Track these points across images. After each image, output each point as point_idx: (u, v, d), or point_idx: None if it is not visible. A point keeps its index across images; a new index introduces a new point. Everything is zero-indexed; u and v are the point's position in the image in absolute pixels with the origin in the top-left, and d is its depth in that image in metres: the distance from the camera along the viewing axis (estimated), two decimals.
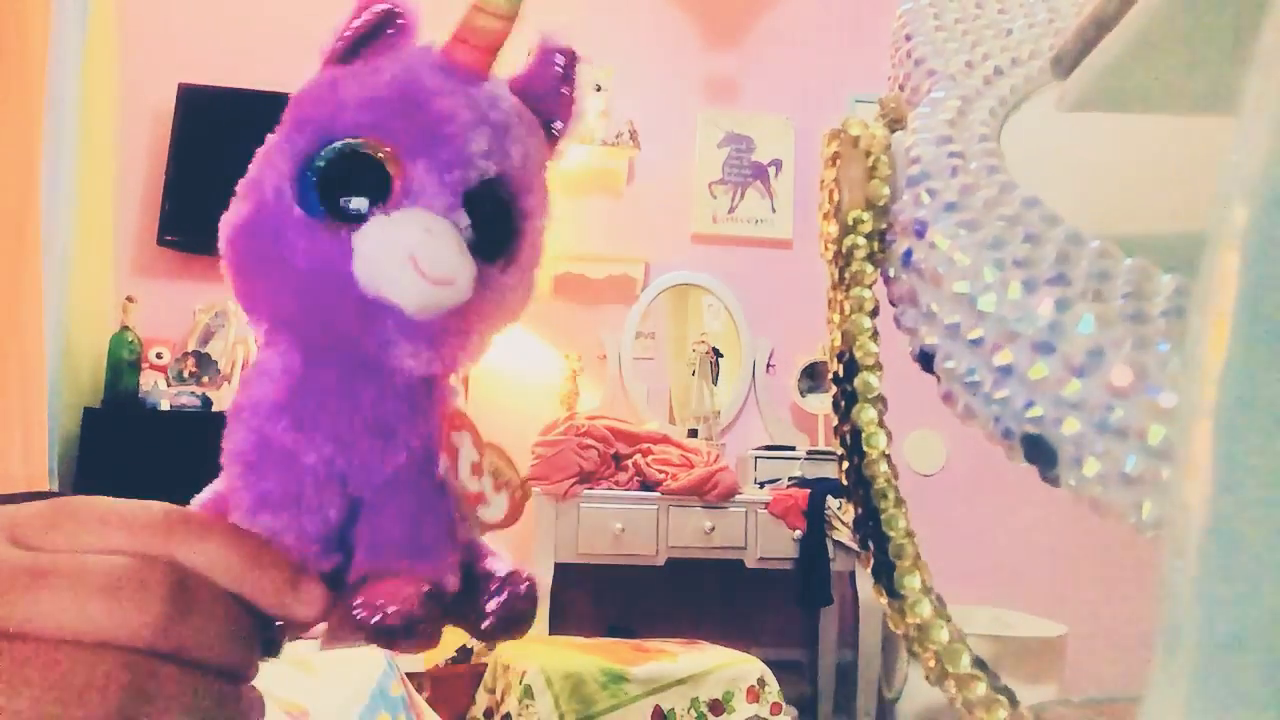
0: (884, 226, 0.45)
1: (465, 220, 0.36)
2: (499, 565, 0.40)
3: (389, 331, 0.35)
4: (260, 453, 0.36)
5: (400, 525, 0.37)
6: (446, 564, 0.38)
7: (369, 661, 1.14)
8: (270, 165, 0.38)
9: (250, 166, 0.39)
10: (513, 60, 0.42)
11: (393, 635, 0.34)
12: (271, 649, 0.37)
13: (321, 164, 0.36)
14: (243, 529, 0.34)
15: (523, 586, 0.39)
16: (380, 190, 0.36)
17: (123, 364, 2.43)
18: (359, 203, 0.35)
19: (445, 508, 0.38)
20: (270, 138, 0.39)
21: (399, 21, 0.40)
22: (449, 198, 0.36)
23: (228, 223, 0.39)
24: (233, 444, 0.37)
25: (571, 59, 0.43)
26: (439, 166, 0.36)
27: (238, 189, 0.39)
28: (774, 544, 2.34)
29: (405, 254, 0.34)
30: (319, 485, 0.36)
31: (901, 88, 0.56)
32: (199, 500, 0.39)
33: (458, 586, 0.38)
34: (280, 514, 0.35)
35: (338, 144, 0.36)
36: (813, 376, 2.86)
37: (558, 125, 0.42)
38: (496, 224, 0.38)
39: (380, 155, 0.36)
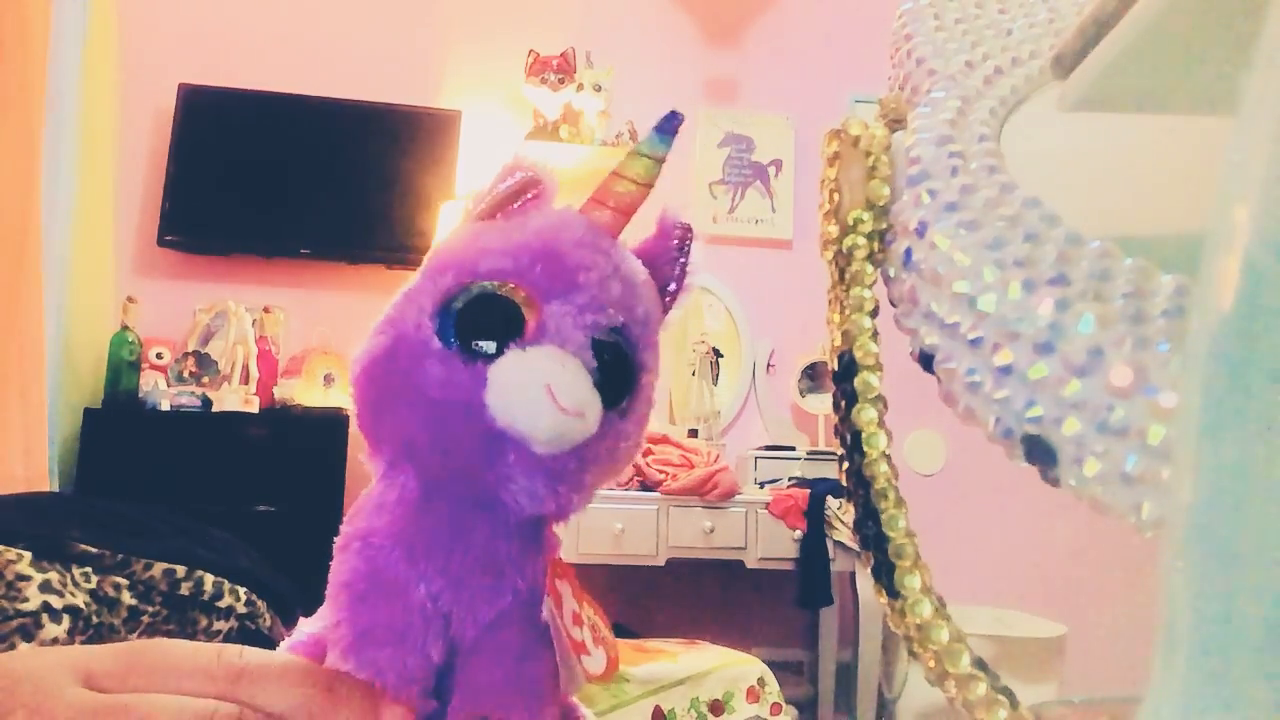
0: (884, 226, 0.45)
1: (593, 363, 0.37)
2: None
3: (510, 466, 0.36)
4: (370, 584, 0.36)
5: (502, 669, 0.37)
6: (547, 710, 0.38)
7: None
8: (411, 303, 0.39)
9: (389, 308, 0.41)
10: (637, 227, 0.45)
11: None
12: (273, 649, 0.36)
13: (461, 304, 0.37)
14: (316, 668, 0.34)
15: None
16: (515, 332, 0.37)
17: (123, 364, 2.43)
18: (493, 343, 0.37)
19: (547, 655, 0.38)
20: (412, 280, 0.41)
21: (539, 188, 0.42)
22: (581, 339, 0.37)
23: (363, 355, 0.40)
24: (341, 575, 0.37)
25: (688, 233, 0.46)
26: (573, 310, 0.37)
27: (376, 326, 0.41)
28: (774, 544, 2.34)
29: (541, 383, 0.35)
30: (426, 621, 0.36)
31: (901, 88, 0.56)
32: (290, 643, 0.39)
33: None
34: (384, 649, 0.35)
35: (478, 286, 0.38)
36: (813, 376, 2.86)
37: (671, 289, 0.45)
38: (619, 372, 0.39)
39: (517, 298, 0.37)
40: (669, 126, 0.43)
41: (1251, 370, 0.17)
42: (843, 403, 0.44)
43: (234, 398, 2.37)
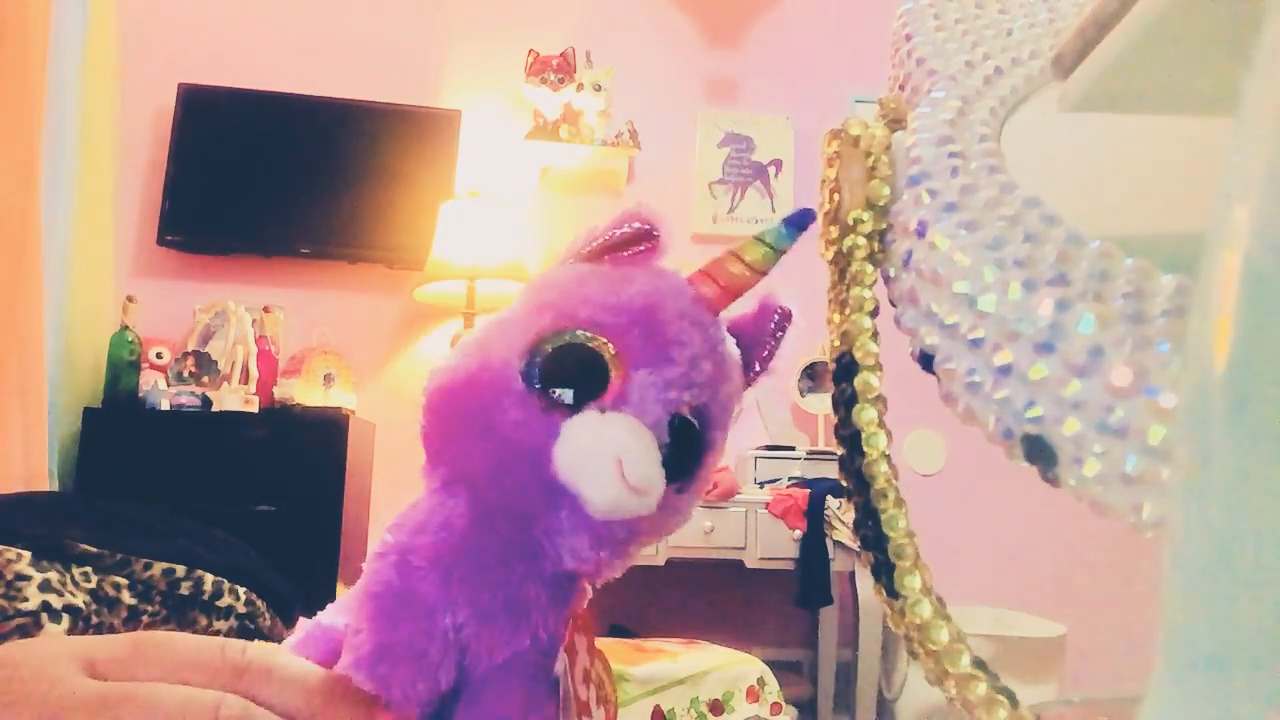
0: (884, 226, 0.45)
1: (665, 439, 0.37)
2: None
3: (562, 520, 0.36)
4: (399, 601, 0.36)
5: (506, 712, 0.37)
6: None
7: None
8: (503, 334, 0.39)
9: (479, 329, 0.41)
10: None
11: None
12: None
13: (552, 348, 0.37)
14: (318, 670, 0.34)
15: None
16: (598, 389, 0.37)
17: (123, 364, 2.43)
18: (572, 394, 0.37)
19: (550, 707, 0.38)
20: (508, 309, 0.41)
21: (653, 242, 0.42)
22: (660, 413, 0.37)
23: (444, 373, 0.40)
24: (373, 585, 0.37)
25: (786, 319, 0.46)
26: (659, 383, 0.37)
27: (463, 347, 0.41)
28: (774, 544, 2.34)
29: (613, 453, 0.35)
30: (445, 649, 0.36)
31: (901, 88, 0.56)
32: (305, 633, 0.39)
33: None
34: (399, 667, 0.35)
35: (571, 334, 0.38)
36: (813, 376, 2.86)
37: (755, 370, 0.45)
38: (688, 449, 0.39)
39: (607, 354, 0.37)
40: (800, 222, 0.43)
41: (1252, 370, 0.17)
42: (843, 403, 0.44)
43: (234, 397, 2.37)
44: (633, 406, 0.37)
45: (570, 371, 0.37)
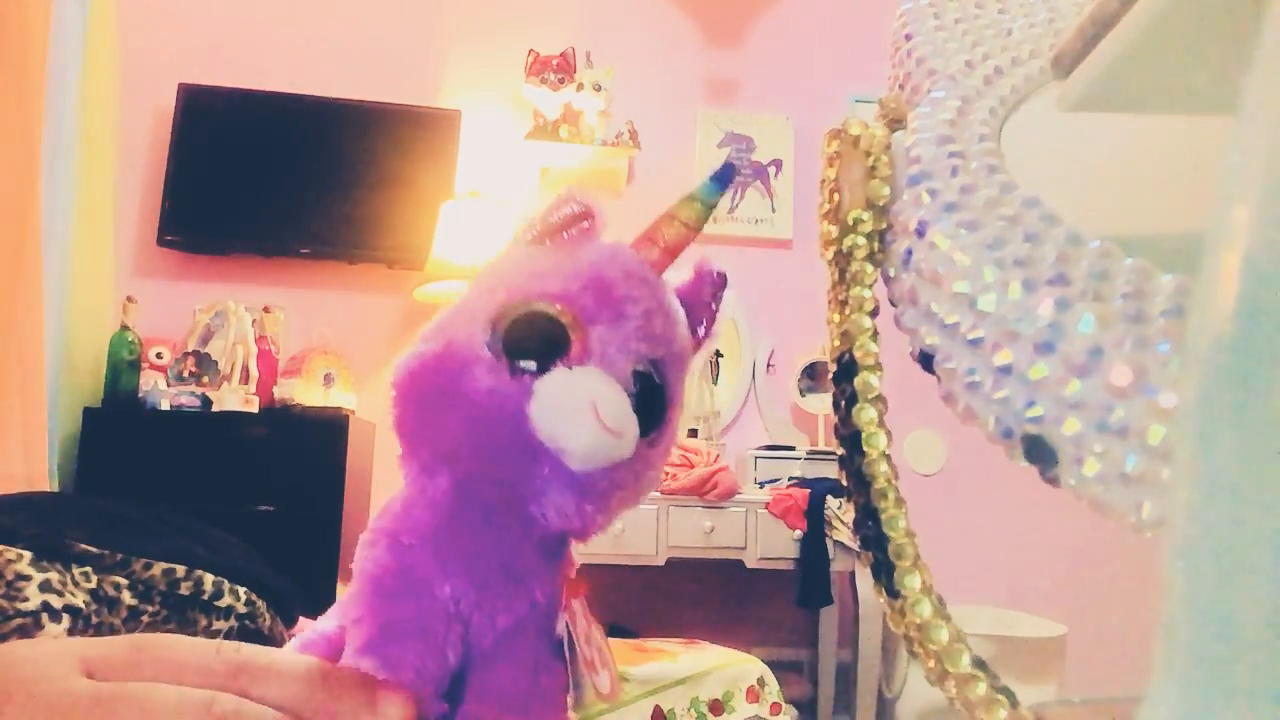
0: (884, 226, 0.45)
1: (632, 389, 0.39)
2: None
3: (545, 479, 0.38)
4: (396, 579, 0.37)
5: (515, 676, 0.38)
6: None
7: None
8: (463, 314, 0.41)
9: (440, 317, 0.43)
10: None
11: None
12: None
13: (511, 320, 0.39)
14: (314, 662, 0.34)
15: None
16: (560, 353, 0.39)
17: (123, 364, 2.43)
18: (536, 362, 0.38)
19: (559, 668, 0.39)
20: (464, 294, 0.43)
21: (591, 221, 0.44)
22: (624, 366, 0.39)
23: (411, 358, 0.42)
24: (366, 569, 0.38)
25: (723, 281, 0.48)
26: (619, 338, 0.39)
27: (425, 333, 0.42)
28: (774, 544, 2.34)
29: (587, 399, 0.37)
30: (448, 622, 0.36)
31: (901, 87, 0.56)
32: (303, 641, 0.39)
33: None
34: (405, 645, 0.35)
35: (528, 305, 0.39)
36: (813, 376, 2.86)
37: (700, 332, 0.47)
38: (652, 402, 0.41)
39: (565, 320, 0.39)
40: (725, 177, 0.45)
41: (1252, 370, 0.17)
42: (843, 403, 0.44)
43: (234, 397, 2.37)
44: (597, 361, 0.38)
45: (532, 338, 0.39)
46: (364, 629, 0.35)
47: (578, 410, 0.37)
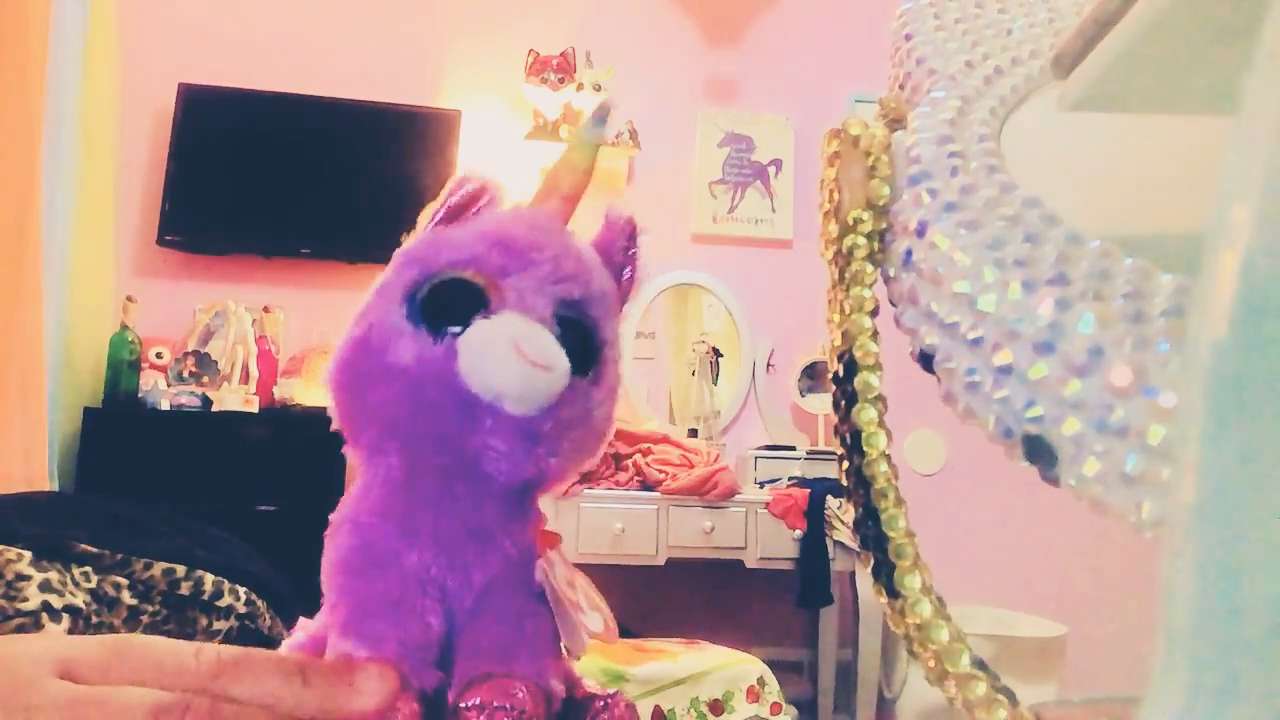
0: (884, 226, 0.45)
1: (556, 330, 0.40)
2: (596, 689, 0.42)
3: (488, 431, 0.38)
4: (363, 557, 0.38)
5: (501, 628, 0.38)
6: (551, 669, 0.39)
7: None
8: (381, 295, 0.42)
9: (361, 305, 0.44)
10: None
11: None
12: (273, 649, 0.37)
13: (426, 290, 0.40)
14: (288, 656, 0.34)
15: (623, 706, 0.42)
16: (477, 309, 0.39)
17: (123, 364, 2.43)
18: (459, 326, 0.39)
19: (545, 614, 0.39)
20: (379, 278, 0.44)
21: (488, 195, 0.46)
22: (543, 307, 0.40)
23: (339, 348, 0.43)
24: (334, 554, 0.39)
25: (632, 224, 0.49)
26: (532, 283, 0.40)
27: (351, 321, 0.44)
28: (774, 544, 2.34)
29: (508, 339, 0.38)
30: (421, 587, 0.37)
31: (901, 87, 0.56)
32: (289, 643, 0.40)
33: (564, 694, 0.39)
34: (383, 618, 0.36)
35: (440, 275, 0.41)
36: (813, 376, 2.86)
37: (625, 277, 0.48)
38: (582, 340, 0.41)
39: (478, 281, 0.40)
40: (601, 114, 0.47)
41: (1252, 370, 0.17)
42: (843, 403, 0.44)
43: (234, 397, 2.37)
44: (514, 306, 0.39)
45: (449, 304, 0.40)
46: (340, 612, 0.36)
47: (501, 351, 0.37)
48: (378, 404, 0.40)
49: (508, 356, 0.37)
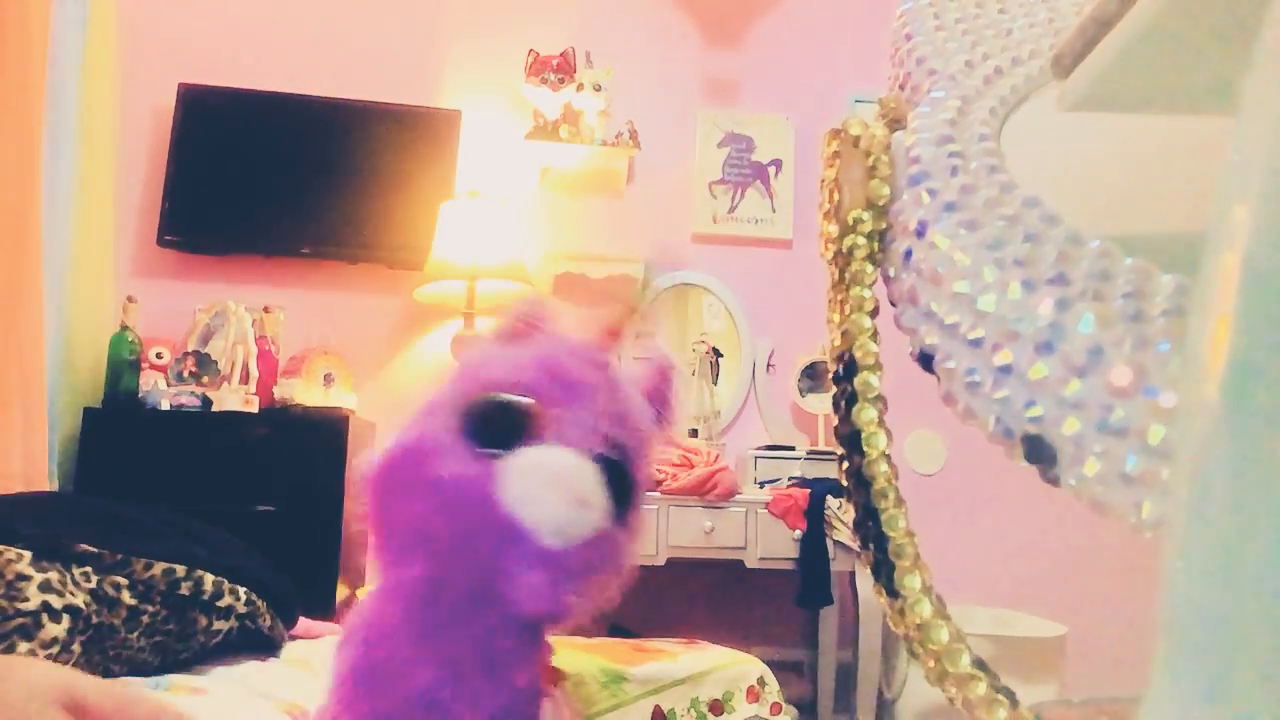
0: (884, 226, 0.45)
1: (600, 469, 0.40)
2: None
3: (517, 559, 0.38)
4: (371, 672, 0.37)
5: None
6: None
7: None
8: (433, 410, 0.43)
9: (415, 412, 0.44)
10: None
11: None
12: (273, 649, 0.37)
13: (478, 409, 0.41)
14: None
15: None
16: (524, 434, 0.40)
17: (123, 364, 2.43)
18: (502, 445, 0.39)
19: None
20: (434, 391, 0.45)
21: (541, 322, 0.47)
22: (587, 445, 0.41)
23: (385, 452, 0.43)
24: (342, 664, 0.38)
25: (671, 368, 0.51)
26: (579, 419, 0.41)
27: (400, 428, 0.44)
28: (774, 544, 2.34)
29: (553, 474, 0.38)
30: (426, 709, 0.37)
31: (901, 87, 0.56)
32: None
33: None
34: None
35: (493, 394, 0.42)
36: (813, 376, 2.86)
37: (660, 417, 0.49)
38: (619, 482, 0.42)
39: (527, 403, 0.41)
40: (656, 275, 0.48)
41: (1252, 370, 0.17)
42: (843, 403, 0.45)
43: (234, 397, 2.37)
44: (560, 439, 0.40)
45: (497, 422, 0.40)
46: None
47: (548, 482, 0.38)
48: (414, 511, 0.40)
49: (551, 489, 0.37)
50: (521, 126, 2.77)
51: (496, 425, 0.39)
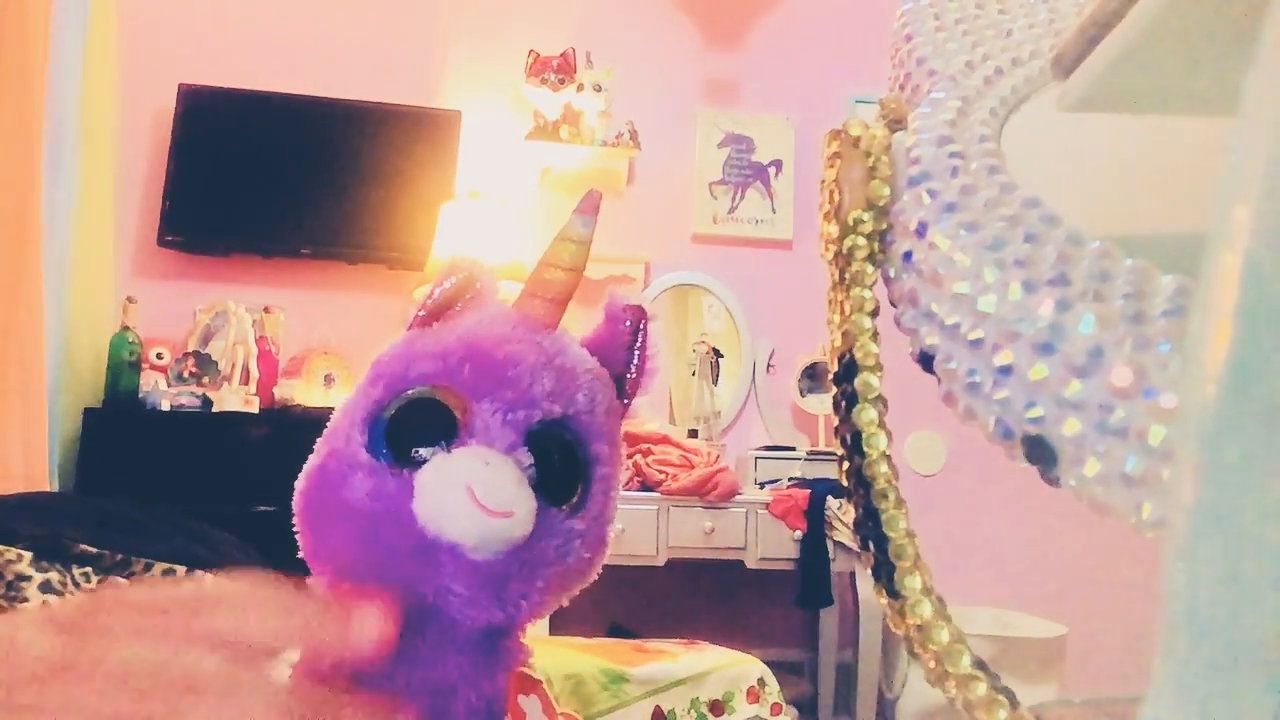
0: (884, 227, 0.45)
1: (528, 459, 0.36)
2: None
3: (448, 576, 0.35)
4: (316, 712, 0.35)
5: None
6: None
7: None
8: (345, 416, 0.39)
9: (332, 418, 0.40)
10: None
11: None
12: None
13: (390, 413, 0.37)
14: (284, 595, 0.34)
15: None
16: (447, 434, 0.36)
17: (123, 364, 2.43)
18: (426, 450, 0.36)
19: None
20: (350, 392, 0.40)
21: (476, 289, 0.42)
22: (511, 436, 0.36)
23: (301, 475, 0.40)
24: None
25: (640, 316, 0.45)
26: (502, 407, 0.36)
27: (320, 439, 0.40)
28: (774, 544, 2.34)
29: (462, 484, 0.34)
30: None
31: (902, 88, 0.56)
32: None
33: None
34: None
35: (406, 393, 0.37)
36: (813, 376, 2.86)
37: (630, 376, 0.44)
38: (562, 465, 0.38)
39: (448, 400, 0.36)
40: (588, 206, 0.43)
41: (1252, 370, 0.17)
42: (843, 403, 0.44)
43: (234, 398, 2.37)
44: (480, 436, 0.36)
45: (416, 428, 0.36)
46: None
47: (454, 496, 0.34)
48: (333, 541, 0.37)
49: (461, 503, 0.34)
50: (522, 127, 2.77)
51: (415, 428, 0.36)
